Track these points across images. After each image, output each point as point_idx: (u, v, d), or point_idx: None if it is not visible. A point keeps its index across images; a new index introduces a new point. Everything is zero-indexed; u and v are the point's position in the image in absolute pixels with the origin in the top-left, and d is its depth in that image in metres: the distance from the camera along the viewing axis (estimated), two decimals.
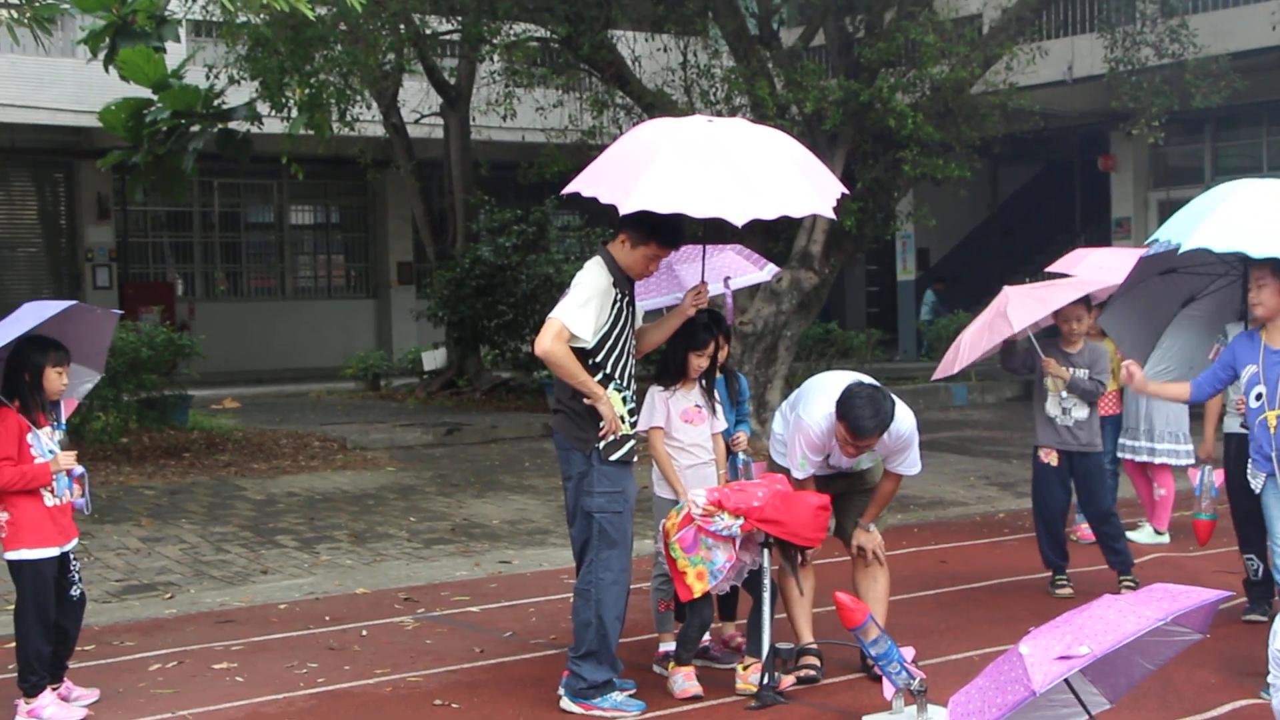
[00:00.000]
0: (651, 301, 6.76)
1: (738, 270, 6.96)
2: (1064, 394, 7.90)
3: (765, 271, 7.19)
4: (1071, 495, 8.18)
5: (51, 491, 5.90)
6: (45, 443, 5.91)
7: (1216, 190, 6.36)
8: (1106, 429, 9.55)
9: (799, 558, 6.22)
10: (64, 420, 6.12)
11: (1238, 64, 16.23)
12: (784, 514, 5.90)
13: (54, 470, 5.89)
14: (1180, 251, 6.06)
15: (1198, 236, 5.92)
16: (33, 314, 5.82)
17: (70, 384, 6.12)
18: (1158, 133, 15.05)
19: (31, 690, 5.91)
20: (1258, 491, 6.11)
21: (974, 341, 8.15)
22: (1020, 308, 7.83)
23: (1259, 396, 5.92)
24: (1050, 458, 8.01)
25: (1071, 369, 7.86)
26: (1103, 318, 7.20)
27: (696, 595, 5.99)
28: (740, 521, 5.89)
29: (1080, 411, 7.92)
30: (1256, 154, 21.78)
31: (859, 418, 6.04)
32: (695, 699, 6.04)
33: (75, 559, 6.14)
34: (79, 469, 6.01)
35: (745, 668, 6.16)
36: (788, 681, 6.09)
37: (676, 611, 6.45)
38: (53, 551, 5.94)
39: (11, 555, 5.87)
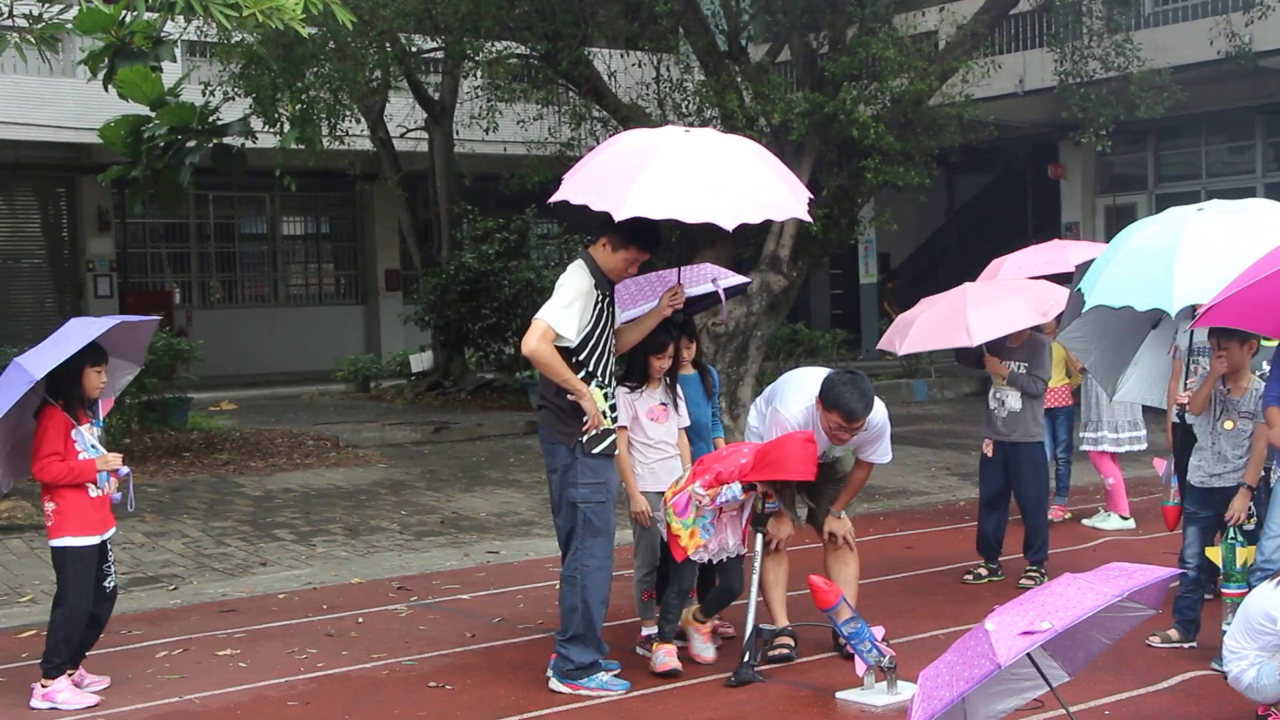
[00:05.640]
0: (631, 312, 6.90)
1: (722, 275, 7.15)
2: (1003, 387, 8.15)
3: (746, 278, 7.33)
4: (1008, 485, 8.29)
5: (94, 484, 6.13)
6: (87, 438, 6.15)
7: (1146, 241, 6.34)
8: (1059, 420, 9.88)
9: (794, 499, 6.41)
10: (101, 418, 6.38)
11: (1179, 77, 16.49)
12: (775, 456, 6.07)
13: (100, 468, 6.12)
14: (1174, 315, 6.11)
15: (1181, 295, 5.91)
16: (80, 332, 6.05)
17: (110, 378, 6.32)
18: (1105, 141, 15.24)
19: (52, 671, 6.10)
20: None
21: (926, 333, 8.20)
22: (981, 321, 7.81)
23: None
24: (987, 448, 8.32)
25: (1010, 364, 8.09)
26: (1064, 336, 7.33)
27: (691, 554, 6.18)
28: (739, 488, 6.11)
29: (1014, 403, 8.11)
30: (1195, 162, 22.02)
31: (849, 402, 6.22)
32: (673, 674, 6.22)
33: (110, 551, 6.33)
34: (125, 469, 6.22)
35: (701, 621, 6.50)
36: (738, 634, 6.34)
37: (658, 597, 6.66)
38: (94, 540, 6.18)
39: (56, 543, 6.13)
